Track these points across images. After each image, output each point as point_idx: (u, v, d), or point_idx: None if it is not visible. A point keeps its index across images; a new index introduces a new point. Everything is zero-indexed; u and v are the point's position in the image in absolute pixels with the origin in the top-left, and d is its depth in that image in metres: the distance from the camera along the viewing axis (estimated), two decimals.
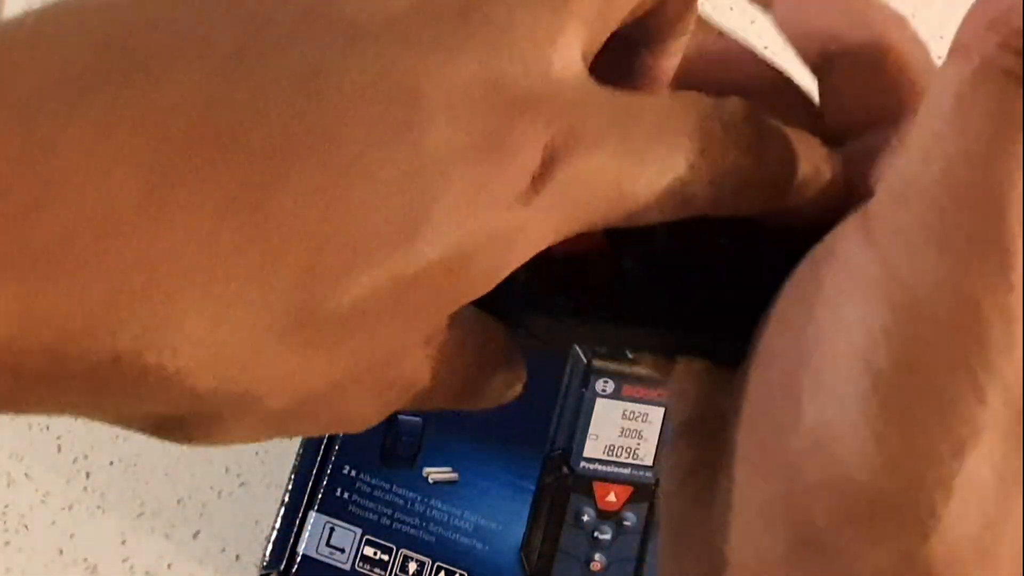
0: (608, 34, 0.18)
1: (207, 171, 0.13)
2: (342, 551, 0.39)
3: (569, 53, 0.16)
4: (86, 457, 0.48)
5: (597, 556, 0.41)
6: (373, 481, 0.40)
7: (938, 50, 0.58)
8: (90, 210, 0.13)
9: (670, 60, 0.21)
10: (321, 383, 0.15)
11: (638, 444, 0.42)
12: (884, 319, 0.16)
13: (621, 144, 0.16)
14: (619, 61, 0.21)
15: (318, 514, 0.40)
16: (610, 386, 0.43)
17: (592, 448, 0.42)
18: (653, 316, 0.20)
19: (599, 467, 0.42)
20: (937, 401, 0.16)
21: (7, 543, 0.47)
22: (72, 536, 0.47)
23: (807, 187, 0.19)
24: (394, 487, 0.40)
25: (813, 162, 0.19)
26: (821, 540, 0.16)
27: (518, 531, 0.40)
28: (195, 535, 0.48)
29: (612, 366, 0.43)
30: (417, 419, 0.41)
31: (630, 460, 0.42)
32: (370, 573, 0.39)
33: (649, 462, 0.42)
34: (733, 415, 0.18)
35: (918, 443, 0.16)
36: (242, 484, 0.48)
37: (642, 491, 0.42)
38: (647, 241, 0.20)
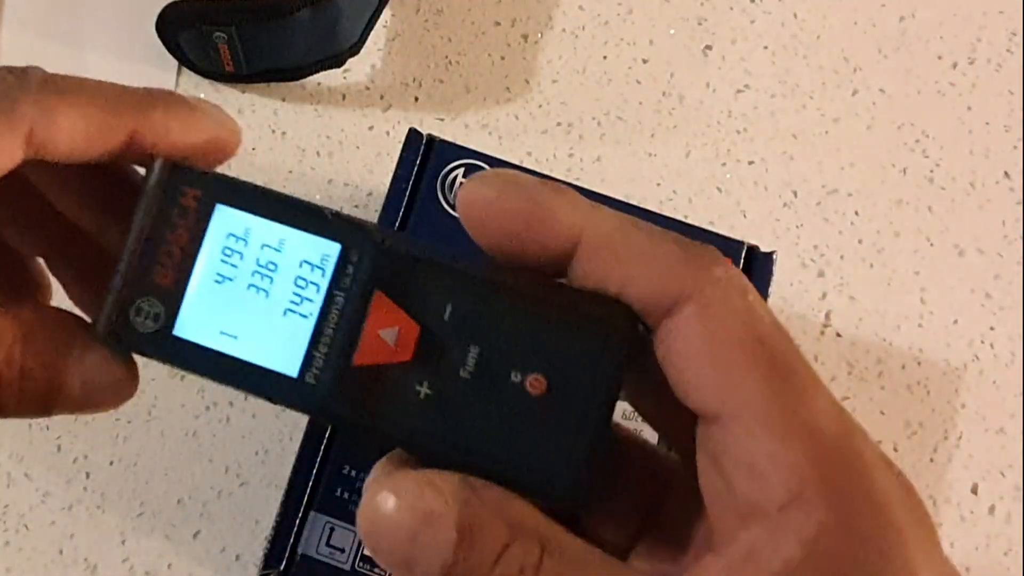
0: None
1: None
2: (342, 551, 0.39)
3: None
4: (86, 457, 0.48)
5: None
6: None
7: (938, 50, 0.58)
8: None
9: None
10: None
11: None
12: None
13: None
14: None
15: (318, 514, 0.40)
16: None
17: None
18: (433, 445, 0.22)
19: None
20: None
21: (7, 543, 0.47)
22: (72, 536, 0.47)
23: None
24: None
25: None
26: None
27: None
28: (195, 535, 0.48)
29: None
30: None
31: None
32: (370, 573, 0.39)
33: None
34: None
35: None
36: (242, 484, 0.48)
37: None
38: (451, 373, 0.22)
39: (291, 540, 0.39)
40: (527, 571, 0.19)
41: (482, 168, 0.43)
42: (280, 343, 0.23)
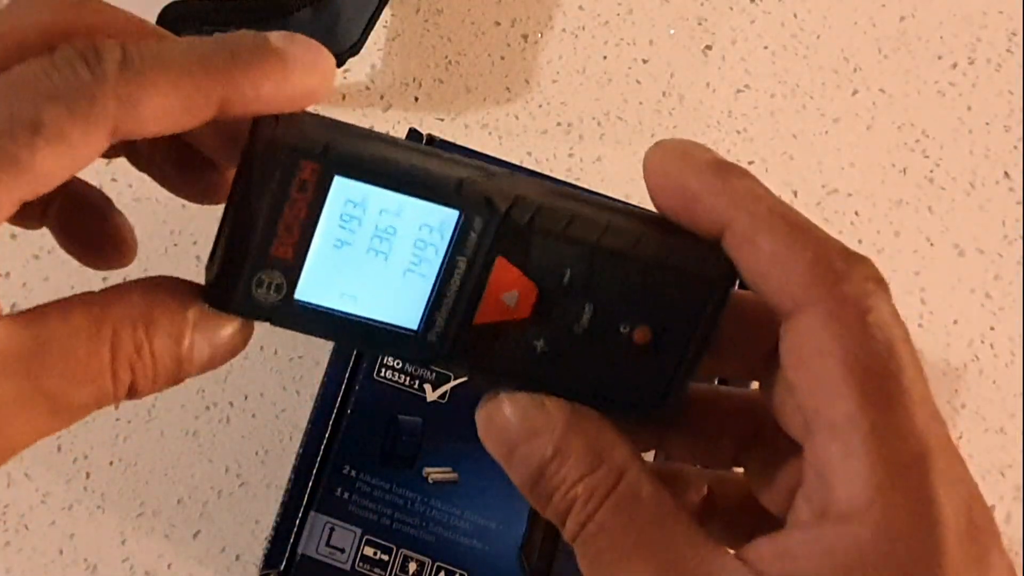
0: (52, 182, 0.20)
1: None
2: (342, 551, 0.39)
3: None
4: (86, 457, 0.48)
5: None
6: (373, 481, 0.40)
7: (938, 50, 0.57)
8: None
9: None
10: None
11: None
12: None
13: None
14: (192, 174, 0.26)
15: (318, 514, 0.40)
16: None
17: None
18: (554, 390, 0.24)
19: None
20: None
21: (7, 543, 0.47)
22: (72, 536, 0.47)
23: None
24: (394, 487, 0.40)
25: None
26: None
27: (518, 531, 0.40)
28: (195, 535, 0.48)
29: None
30: (417, 419, 0.41)
31: None
32: (370, 573, 0.39)
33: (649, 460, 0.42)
34: None
35: None
36: (242, 484, 0.48)
37: None
38: (566, 329, 0.24)
39: (291, 540, 0.39)
40: (592, 501, 0.22)
41: None
42: (401, 301, 0.23)
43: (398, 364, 0.42)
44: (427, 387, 0.42)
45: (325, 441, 0.40)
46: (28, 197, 0.20)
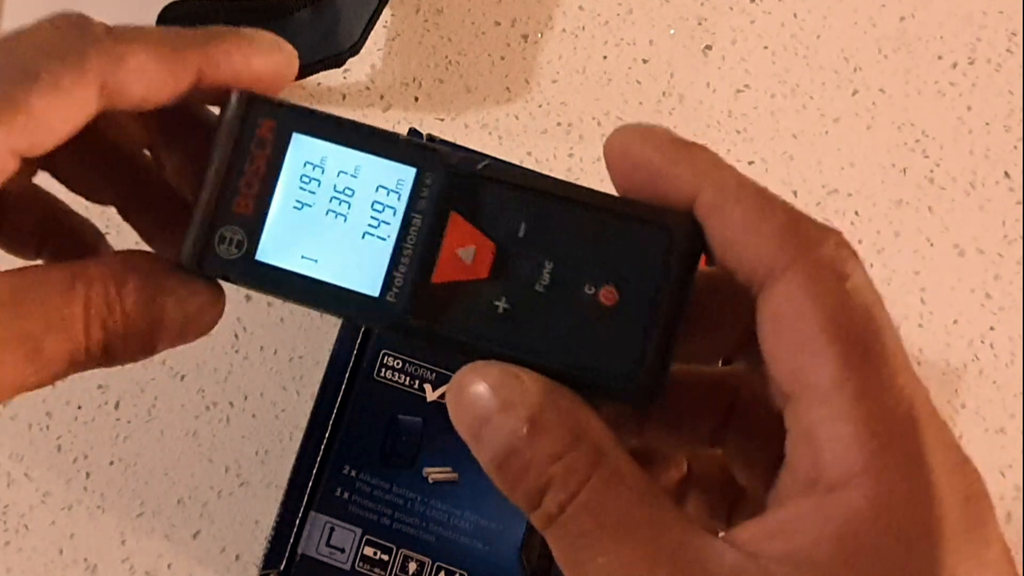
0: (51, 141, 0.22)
1: None
2: (342, 551, 0.39)
3: None
4: (86, 457, 0.48)
5: None
6: (373, 481, 0.40)
7: (938, 50, 0.57)
8: None
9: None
10: None
11: None
12: None
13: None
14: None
15: (318, 514, 0.40)
16: None
17: None
18: (513, 352, 0.23)
19: None
20: None
21: (7, 543, 0.47)
22: (72, 536, 0.47)
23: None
24: (394, 487, 0.40)
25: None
26: None
27: (518, 531, 0.40)
28: (195, 535, 0.48)
29: None
30: (417, 419, 0.41)
31: None
32: (370, 573, 0.39)
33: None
34: None
35: None
36: (242, 484, 0.48)
37: None
38: (527, 287, 0.23)
39: (291, 540, 0.39)
40: (572, 480, 0.21)
41: None
42: (360, 265, 0.23)
43: (398, 364, 0.42)
44: (427, 387, 0.42)
45: (325, 441, 0.40)
46: (25, 147, 0.21)
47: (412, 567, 0.40)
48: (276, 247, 0.23)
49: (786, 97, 0.57)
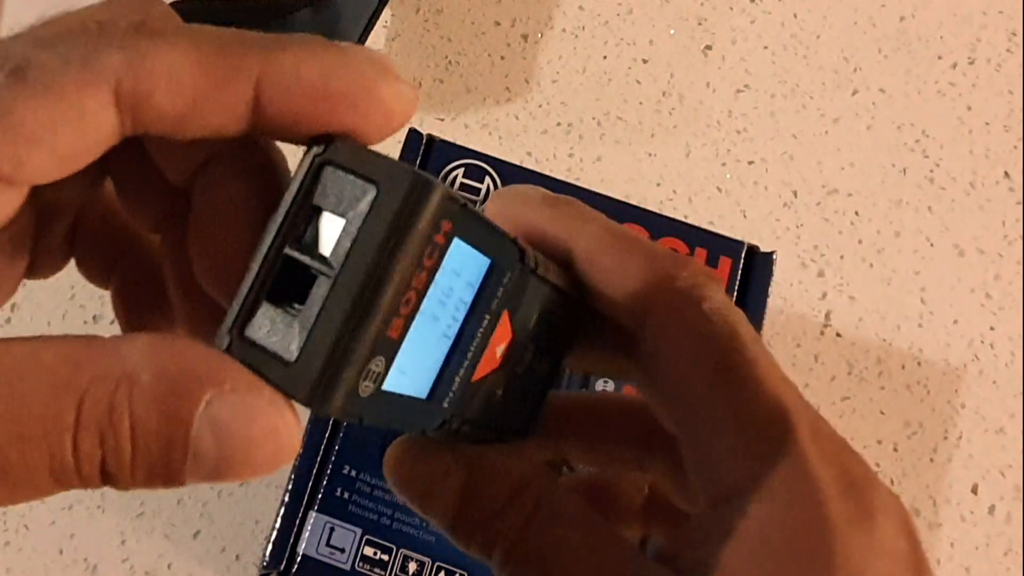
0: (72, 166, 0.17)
1: None
2: (342, 551, 0.39)
3: None
4: None
5: None
6: (373, 481, 0.40)
7: (938, 50, 0.58)
8: None
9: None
10: None
11: None
12: None
13: None
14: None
15: (318, 514, 0.40)
16: (610, 386, 0.43)
17: None
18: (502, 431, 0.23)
19: None
20: None
21: (7, 543, 0.47)
22: (72, 536, 0.47)
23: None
24: None
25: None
26: None
27: None
28: (195, 535, 0.48)
29: None
30: None
31: None
32: (370, 573, 0.39)
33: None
34: None
35: None
36: (242, 484, 0.48)
37: None
38: (514, 371, 0.23)
39: (291, 540, 0.39)
40: (515, 525, 0.22)
41: (482, 168, 0.43)
42: (424, 367, 0.19)
43: None
44: None
45: (325, 441, 0.40)
46: (9, 170, 0.16)
47: (412, 567, 0.40)
48: (399, 372, 0.18)
49: (786, 97, 0.57)
